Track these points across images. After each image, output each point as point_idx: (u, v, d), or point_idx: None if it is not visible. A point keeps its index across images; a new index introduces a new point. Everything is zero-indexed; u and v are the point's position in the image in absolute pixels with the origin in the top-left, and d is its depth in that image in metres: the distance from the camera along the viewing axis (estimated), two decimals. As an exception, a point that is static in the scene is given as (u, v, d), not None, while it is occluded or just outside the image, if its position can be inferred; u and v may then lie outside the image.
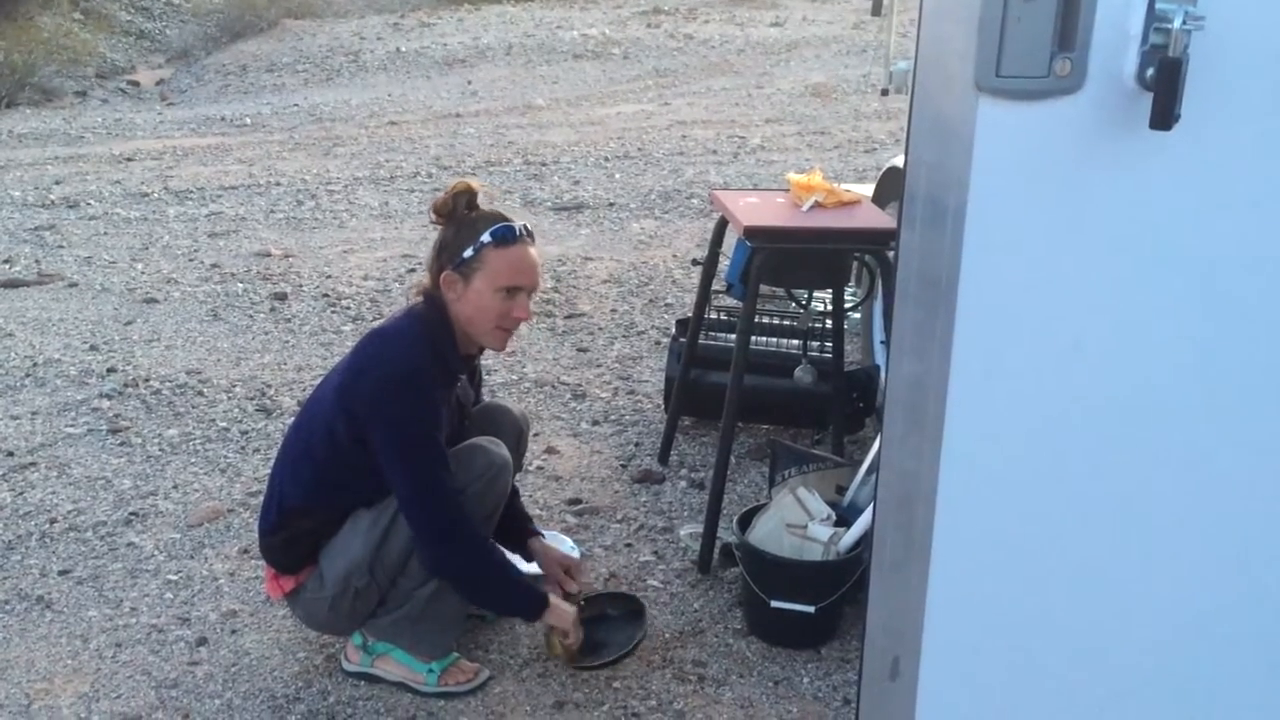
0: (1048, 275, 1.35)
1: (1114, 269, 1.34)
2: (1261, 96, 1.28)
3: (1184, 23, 1.21)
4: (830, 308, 3.59)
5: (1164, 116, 1.22)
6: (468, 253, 2.44)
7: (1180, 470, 1.42)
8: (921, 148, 1.41)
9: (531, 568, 2.88)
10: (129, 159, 8.55)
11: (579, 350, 4.70)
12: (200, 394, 4.22)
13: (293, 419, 2.75)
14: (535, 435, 3.80)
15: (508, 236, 2.44)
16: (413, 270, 5.66)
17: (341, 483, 2.50)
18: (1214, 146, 1.30)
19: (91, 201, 7.17)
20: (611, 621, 2.73)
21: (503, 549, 2.69)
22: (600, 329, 4.95)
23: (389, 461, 2.39)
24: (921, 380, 1.44)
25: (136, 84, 12.58)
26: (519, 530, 2.82)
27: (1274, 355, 1.37)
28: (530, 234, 2.50)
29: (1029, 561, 1.47)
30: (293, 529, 2.52)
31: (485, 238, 2.43)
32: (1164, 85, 1.22)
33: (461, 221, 2.48)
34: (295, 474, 2.55)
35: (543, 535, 2.94)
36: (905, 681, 1.53)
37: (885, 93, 4.71)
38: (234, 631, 2.80)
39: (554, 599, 2.58)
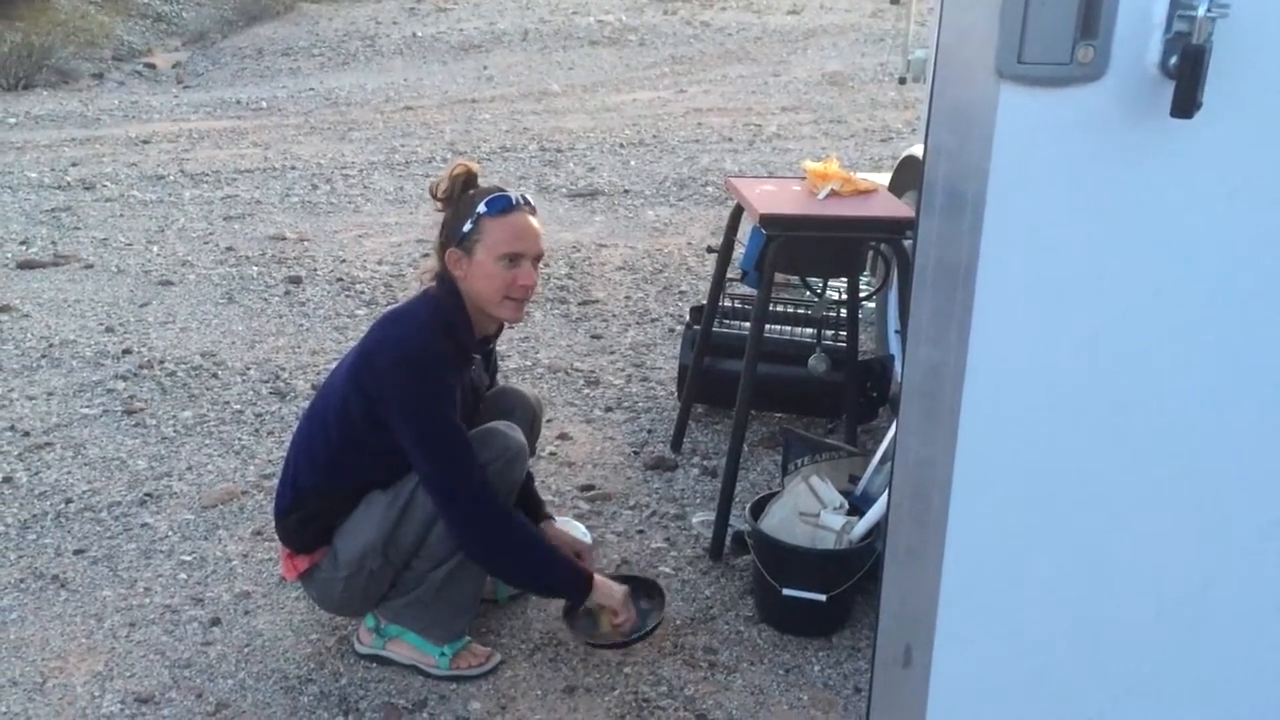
0: (1067, 263, 1.34)
1: (1134, 257, 1.33)
2: (1285, 85, 1.27)
3: (1208, 10, 1.21)
4: (845, 296, 3.57)
5: (1186, 105, 1.21)
6: (466, 226, 2.45)
7: (1197, 460, 1.42)
8: (941, 134, 1.40)
9: (586, 537, 2.95)
10: (145, 141, 8.57)
11: (593, 337, 4.70)
12: (215, 376, 4.23)
13: (307, 402, 2.75)
14: (548, 421, 3.80)
15: (504, 205, 2.46)
16: (427, 255, 5.66)
17: (355, 463, 2.51)
18: (1236, 135, 1.29)
19: (108, 184, 7.19)
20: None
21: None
22: (614, 316, 4.95)
23: (409, 443, 2.40)
24: (938, 368, 1.43)
25: (153, 67, 12.59)
26: (532, 515, 2.83)
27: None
28: (528, 203, 2.51)
29: (1043, 550, 1.46)
30: (307, 509, 2.53)
31: (481, 208, 2.44)
32: (1187, 73, 1.21)
33: (461, 201, 2.50)
34: (310, 455, 2.56)
35: (555, 520, 2.94)
36: (918, 669, 1.53)
37: (903, 81, 4.69)
38: (247, 613, 2.81)
39: (598, 576, 2.57)
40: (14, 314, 4.83)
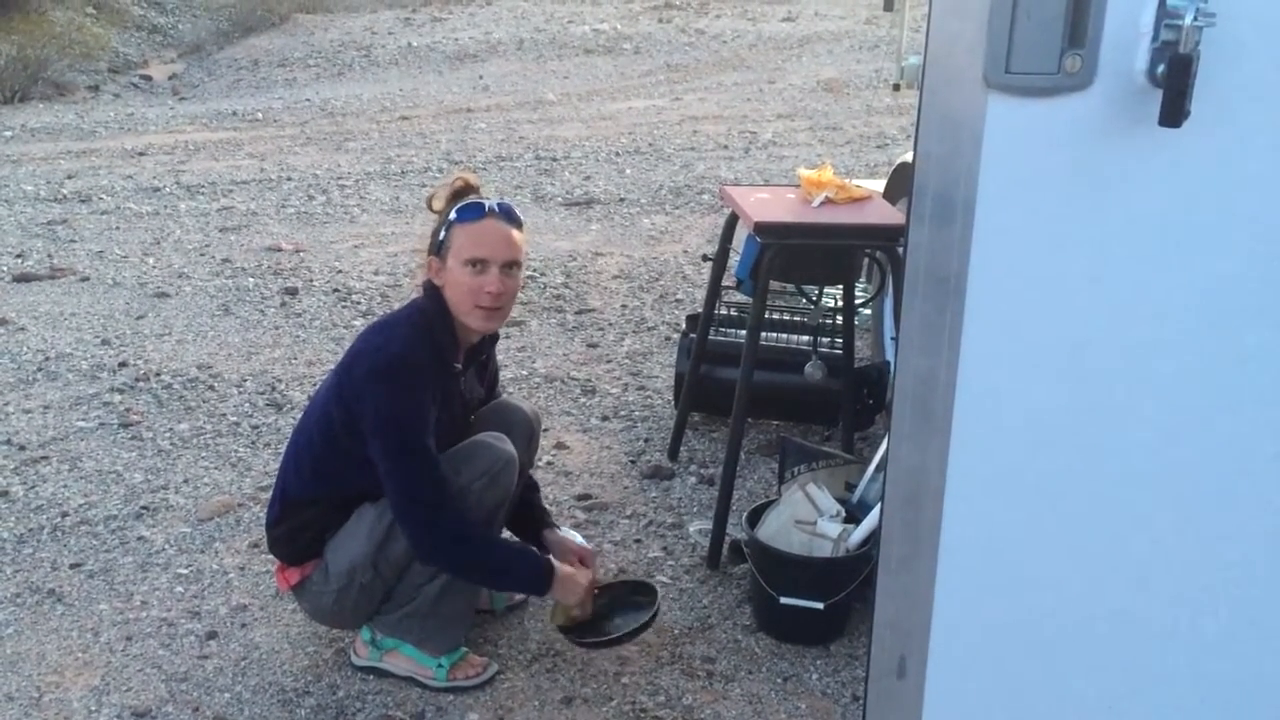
0: (1056, 272, 1.34)
1: (1123, 265, 1.33)
2: (1272, 93, 1.27)
3: (1195, 19, 1.21)
4: (840, 303, 3.58)
5: (1174, 113, 1.21)
6: (441, 234, 2.49)
7: (1190, 467, 1.41)
8: (931, 144, 1.41)
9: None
10: (141, 153, 8.57)
11: (589, 346, 4.71)
12: (211, 388, 4.23)
13: (302, 413, 2.76)
14: (545, 430, 3.80)
15: (475, 213, 2.47)
16: (423, 265, 5.66)
17: (339, 472, 2.51)
18: (1224, 143, 1.29)
19: (103, 196, 7.19)
20: (627, 607, 2.71)
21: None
22: (610, 324, 4.95)
23: (374, 448, 2.40)
24: (930, 376, 1.43)
25: (149, 78, 12.59)
26: (535, 524, 2.81)
27: (1282, 352, 1.36)
28: (504, 211, 2.49)
29: (1037, 558, 1.46)
30: (296, 520, 2.53)
31: (453, 215, 2.47)
32: (1174, 82, 1.21)
33: (445, 210, 2.53)
34: (297, 465, 2.56)
35: (558, 529, 2.93)
36: (912, 680, 1.52)
37: (897, 88, 4.69)
38: (244, 625, 2.81)
39: (562, 568, 2.56)
40: (10, 327, 4.83)
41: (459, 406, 2.60)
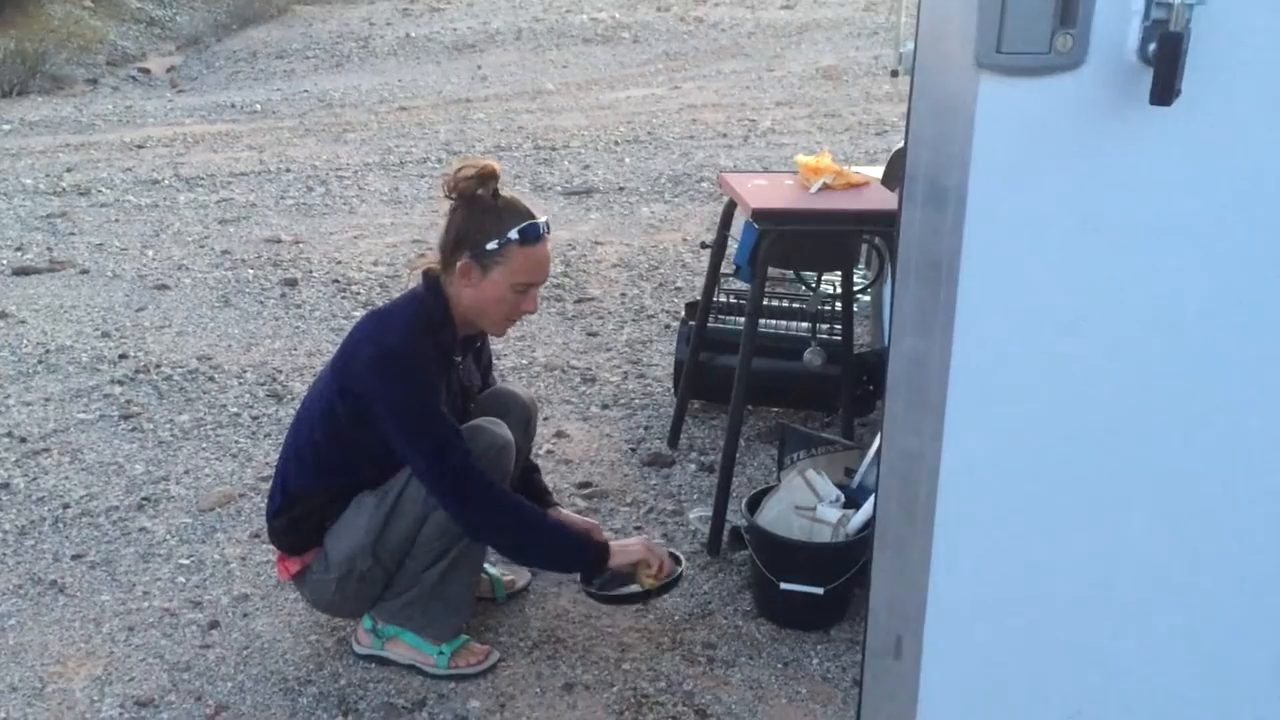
0: (1049, 252, 1.34)
1: (1115, 245, 1.33)
2: (1263, 72, 1.27)
3: (1186, -4, 1.21)
4: (839, 290, 3.58)
5: (1165, 92, 1.21)
6: (492, 245, 2.41)
7: (1182, 447, 1.42)
8: (922, 126, 1.40)
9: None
10: (140, 146, 8.56)
11: (589, 334, 4.71)
12: (211, 380, 4.24)
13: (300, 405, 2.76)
14: (545, 419, 3.81)
15: (534, 234, 2.43)
16: (423, 256, 5.66)
17: (341, 463, 2.51)
18: (1215, 122, 1.29)
19: (103, 189, 7.18)
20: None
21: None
22: (610, 313, 4.96)
23: (398, 441, 2.40)
24: (924, 359, 1.44)
25: (147, 71, 12.55)
26: (538, 504, 2.81)
27: (1275, 331, 1.36)
28: (549, 229, 2.50)
29: (1031, 539, 1.46)
30: (297, 511, 2.54)
31: (513, 235, 2.40)
32: (1165, 60, 1.21)
33: (485, 208, 2.44)
34: (298, 456, 2.57)
35: (561, 508, 2.94)
36: (908, 660, 1.53)
37: (895, 74, 4.70)
38: (245, 615, 2.82)
39: (612, 542, 2.58)
40: (10, 320, 4.83)
41: (459, 395, 2.61)
